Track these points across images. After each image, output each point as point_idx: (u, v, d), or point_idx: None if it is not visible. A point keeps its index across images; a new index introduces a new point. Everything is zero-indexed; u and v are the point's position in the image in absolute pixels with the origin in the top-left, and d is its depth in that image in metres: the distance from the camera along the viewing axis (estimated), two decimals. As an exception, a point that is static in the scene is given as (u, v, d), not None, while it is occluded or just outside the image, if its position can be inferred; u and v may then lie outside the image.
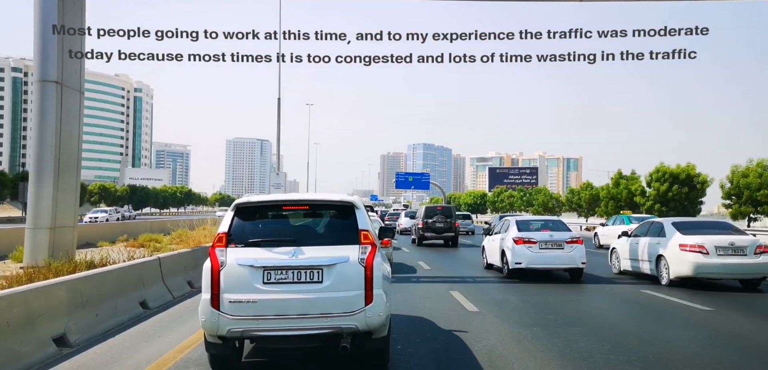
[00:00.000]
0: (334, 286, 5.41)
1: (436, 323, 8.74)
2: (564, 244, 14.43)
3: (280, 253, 5.48)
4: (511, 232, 15.13)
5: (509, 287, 13.34)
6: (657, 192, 46.49)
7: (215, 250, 5.54)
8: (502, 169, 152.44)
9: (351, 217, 5.84)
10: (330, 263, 5.46)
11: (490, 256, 16.80)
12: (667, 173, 46.49)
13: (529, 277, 14.44)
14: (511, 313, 9.84)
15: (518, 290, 12.71)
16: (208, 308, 5.38)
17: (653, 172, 47.74)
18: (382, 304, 5.52)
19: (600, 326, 8.70)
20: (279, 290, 5.38)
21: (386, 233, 7.70)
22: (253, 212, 5.99)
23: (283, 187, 38.12)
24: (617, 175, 54.72)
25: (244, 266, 5.41)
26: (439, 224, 28.42)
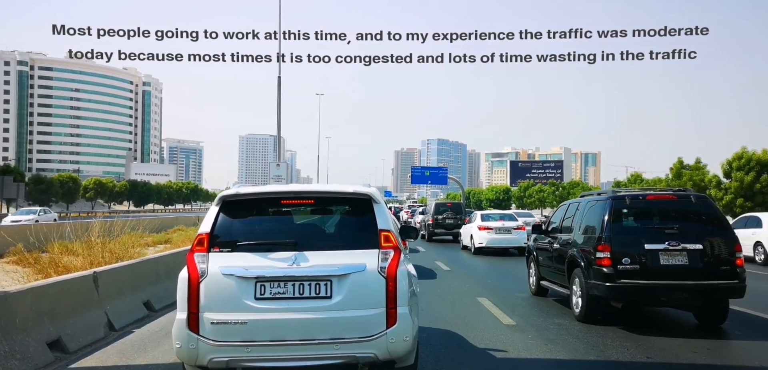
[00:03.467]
0: (347, 303, 4.32)
1: (468, 340, 7.19)
2: (512, 230, 20.39)
3: (277, 260, 4.38)
4: (476, 222, 21.13)
5: (543, 299, 10.54)
6: (740, 183, 37.33)
7: (194, 256, 4.43)
8: (524, 163, 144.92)
9: (368, 214, 4.67)
10: (341, 272, 4.36)
11: (465, 239, 22.63)
12: (753, 160, 37.04)
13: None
14: (561, 335, 7.54)
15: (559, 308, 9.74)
16: (185, 332, 4.29)
17: (733, 160, 38.39)
18: (409, 326, 4.39)
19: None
20: (275, 308, 4.31)
21: (409, 233, 6.28)
22: (243, 207, 4.80)
23: (286, 181, 34.19)
24: (678, 165, 44.91)
25: (230, 276, 4.33)
26: (449, 220, 28.66)
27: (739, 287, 7.79)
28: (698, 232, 7.93)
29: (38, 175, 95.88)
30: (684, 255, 7.72)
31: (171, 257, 10.76)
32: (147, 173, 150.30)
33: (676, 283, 7.73)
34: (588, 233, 8.61)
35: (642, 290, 7.76)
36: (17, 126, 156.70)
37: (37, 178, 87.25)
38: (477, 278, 13.71)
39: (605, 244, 7.93)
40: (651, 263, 7.71)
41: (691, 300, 8.02)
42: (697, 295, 7.85)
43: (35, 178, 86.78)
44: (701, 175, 42.46)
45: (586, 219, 8.89)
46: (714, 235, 7.93)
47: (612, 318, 8.27)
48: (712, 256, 7.80)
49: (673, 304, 8.29)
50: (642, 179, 58.49)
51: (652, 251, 7.72)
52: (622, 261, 7.76)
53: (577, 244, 8.86)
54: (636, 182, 58.14)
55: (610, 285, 7.75)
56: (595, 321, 8.16)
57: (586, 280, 8.25)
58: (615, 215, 8.12)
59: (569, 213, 9.82)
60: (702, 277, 7.69)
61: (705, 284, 7.68)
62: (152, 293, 9.12)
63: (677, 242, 7.74)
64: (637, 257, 7.75)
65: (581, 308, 8.33)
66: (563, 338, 7.34)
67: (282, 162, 29.00)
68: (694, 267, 7.70)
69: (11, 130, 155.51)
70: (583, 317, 8.26)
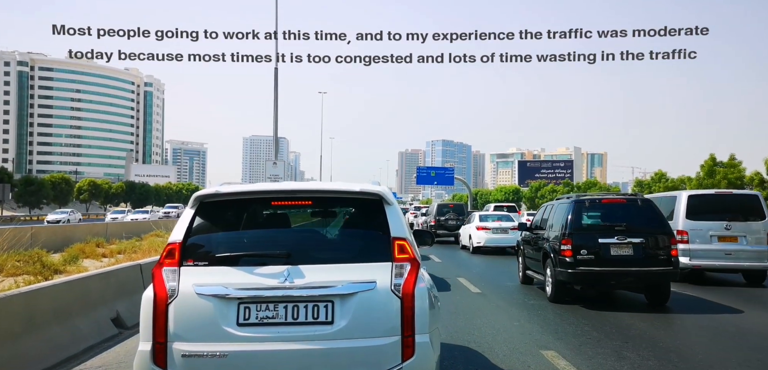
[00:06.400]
0: (353, 329, 3.47)
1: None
2: (509, 230, 20.60)
3: (266, 276, 3.53)
4: (475, 222, 21.76)
5: (592, 314, 9.12)
6: None
7: (162, 271, 3.56)
8: (533, 163, 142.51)
9: (379, 217, 3.79)
10: (346, 291, 3.52)
11: (463, 239, 23.29)
12: None
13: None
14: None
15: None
16: (149, 366, 3.45)
17: None
18: (430, 359, 3.56)
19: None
20: (263, 337, 3.45)
21: (424, 238, 5.28)
22: (225, 209, 3.96)
23: (284, 181, 34.02)
24: (710, 162, 42.88)
25: (207, 296, 3.47)
26: (452, 221, 28.74)
27: (674, 273, 9.46)
28: (642, 228, 9.53)
29: (28, 176, 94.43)
30: (630, 247, 9.38)
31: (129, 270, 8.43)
32: (147, 174, 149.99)
33: (624, 269, 9.40)
34: (556, 230, 10.14)
35: (596, 275, 9.45)
36: (17, 127, 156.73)
37: (28, 179, 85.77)
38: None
39: (567, 238, 9.56)
40: (604, 254, 9.36)
41: (635, 283, 9.78)
42: (640, 279, 9.55)
43: (25, 179, 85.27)
44: (737, 173, 41.09)
45: (556, 218, 10.43)
46: (655, 231, 9.59)
47: (580, 300, 9.89)
48: (652, 247, 9.47)
49: (623, 287, 10.08)
50: (666, 178, 56.78)
51: (605, 244, 9.37)
52: (581, 252, 9.41)
53: (549, 239, 10.38)
54: (660, 181, 56.81)
55: (571, 272, 9.41)
56: (563, 302, 9.71)
57: (554, 268, 9.83)
58: (576, 214, 9.81)
59: (547, 213, 11.27)
60: (644, 264, 9.36)
61: (646, 270, 9.37)
62: (125, 307, 7.43)
63: (624, 236, 9.40)
64: (592, 249, 9.39)
65: (551, 291, 9.95)
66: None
67: (280, 160, 26.57)
68: (638, 256, 9.35)
69: (11, 131, 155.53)
70: (553, 298, 9.83)
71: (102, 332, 6.99)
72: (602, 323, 8.17)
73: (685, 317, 8.85)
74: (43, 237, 20.84)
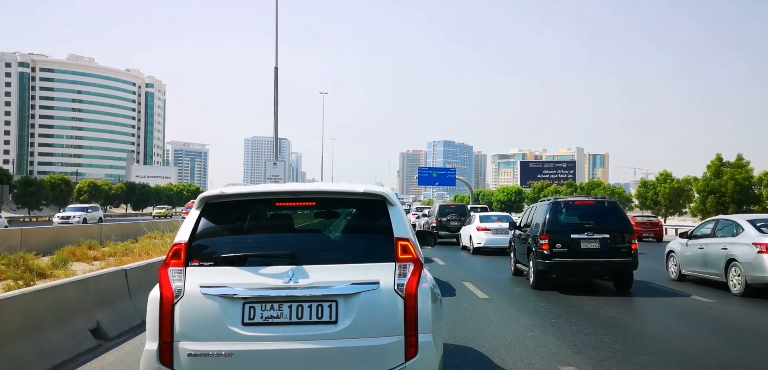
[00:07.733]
0: (356, 329, 3.55)
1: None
2: (508, 230, 20.00)
3: (270, 276, 3.61)
4: (475, 223, 22.28)
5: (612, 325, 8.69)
6: None
7: (168, 271, 3.65)
8: (535, 164, 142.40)
9: (382, 218, 3.87)
10: (349, 291, 3.60)
11: (464, 240, 23.67)
12: None
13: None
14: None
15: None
16: (155, 366, 3.55)
17: None
18: (433, 358, 3.63)
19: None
20: (268, 336, 3.54)
21: (427, 239, 5.52)
22: (230, 210, 4.02)
23: (284, 181, 29.02)
24: (717, 162, 41.74)
25: (212, 296, 3.56)
26: (454, 222, 28.22)
27: (633, 263, 11.29)
28: (607, 226, 11.33)
29: (27, 177, 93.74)
30: (597, 242, 11.26)
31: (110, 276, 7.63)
32: (148, 175, 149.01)
33: (592, 260, 11.25)
34: (537, 227, 11.92)
35: (569, 266, 11.33)
36: (18, 128, 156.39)
37: (27, 180, 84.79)
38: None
39: (545, 234, 11.39)
40: (575, 247, 11.26)
41: (602, 272, 11.61)
42: (606, 269, 11.39)
43: (24, 180, 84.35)
44: (745, 174, 39.72)
45: (537, 218, 12.21)
46: (618, 228, 11.40)
47: (560, 288, 11.62)
48: (616, 242, 11.28)
49: (592, 275, 11.85)
50: (672, 178, 55.74)
51: (576, 239, 11.27)
52: (556, 246, 11.26)
53: (532, 235, 12.16)
54: (666, 182, 55.79)
55: (548, 263, 11.28)
56: (543, 288, 11.58)
57: (535, 259, 11.66)
58: (553, 214, 11.62)
59: (532, 213, 13.06)
60: (608, 256, 11.20)
61: (610, 261, 11.22)
62: (105, 317, 6.82)
63: (592, 232, 11.29)
64: (565, 243, 11.28)
65: (533, 279, 11.82)
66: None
67: (281, 161, 25.95)
68: (603, 249, 11.22)
69: (12, 132, 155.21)
70: (535, 286, 11.71)
71: (78, 345, 6.36)
72: (624, 334, 7.59)
73: (720, 330, 8.17)
74: (35, 239, 20.28)
